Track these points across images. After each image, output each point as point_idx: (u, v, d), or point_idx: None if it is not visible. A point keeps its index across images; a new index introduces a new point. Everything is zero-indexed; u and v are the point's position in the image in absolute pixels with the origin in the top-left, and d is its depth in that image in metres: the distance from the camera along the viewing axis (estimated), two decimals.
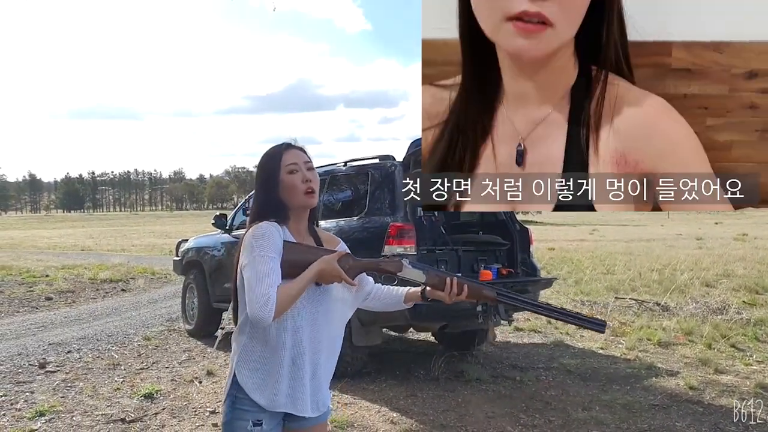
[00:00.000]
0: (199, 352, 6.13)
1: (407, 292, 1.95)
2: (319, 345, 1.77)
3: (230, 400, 1.75)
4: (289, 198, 1.78)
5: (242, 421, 1.72)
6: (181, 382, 4.97)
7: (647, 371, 5.28)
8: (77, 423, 3.98)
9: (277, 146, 1.85)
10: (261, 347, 1.73)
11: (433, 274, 1.86)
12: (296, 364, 1.73)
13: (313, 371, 1.76)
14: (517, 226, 5.67)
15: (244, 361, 1.74)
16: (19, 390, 4.74)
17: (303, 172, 1.78)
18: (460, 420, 4.08)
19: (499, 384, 4.93)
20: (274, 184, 1.78)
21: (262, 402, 1.72)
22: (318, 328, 1.77)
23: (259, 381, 1.72)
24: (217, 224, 6.72)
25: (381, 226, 4.77)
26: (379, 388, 4.79)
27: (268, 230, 1.70)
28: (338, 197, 5.64)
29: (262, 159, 1.85)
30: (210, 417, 4.09)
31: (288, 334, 1.72)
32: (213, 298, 6.70)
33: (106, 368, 5.43)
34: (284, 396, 1.72)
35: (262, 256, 1.64)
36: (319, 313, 1.77)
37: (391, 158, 5.19)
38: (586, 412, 4.21)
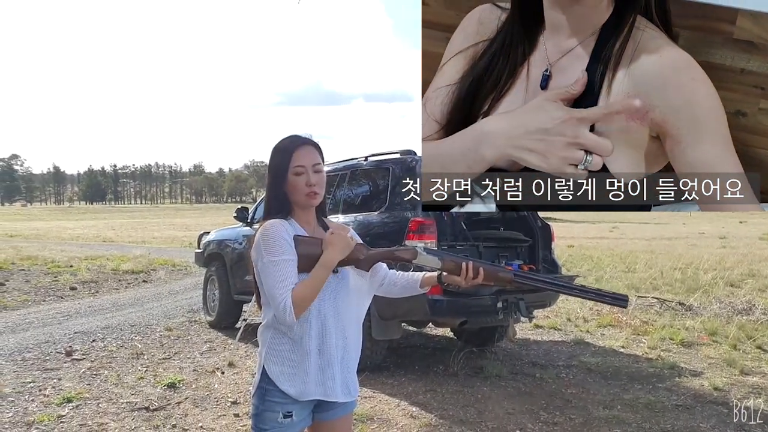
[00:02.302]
0: (220, 343, 6.20)
1: (423, 276, 1.96)
2: (344, 331, 1.81)
3: (260, 392, 1.77)
4: (290, 195, 1.81)
5: (272, 413, 1.75)
6: (203, 372, 5.03)
7: (670, 371, 5.23)
8: (103, 410, 4.05)
9: (289, 141, 1.84)
10: (288, 339, 1.76)
11: (448, 260, 1.87)
12: (323, 351, 1.76)
13: (341, 357, 1.79)
14: (539, 222, 5.64)
15: (272, 353, 1.77)
16: (47, 377, 4.83)
17: (308, 175, 1.79)
18: (480, 416, 4.08)
19: (519, 381, 4.92)
20: (282, 181, 1.80)
21: (292, 392, 1.74)
22: (341, 315, 1.80)
23: (289, 372, 1.75)
24: (238, 217, 6.78)
25: (401, 221, 4.77)
26: (398, 382, 4.81)
27: (275, 230, 1.72)
28: (358, 192, 5.65)
29: (273, 153, 1.85)
30: (232, 407, 4.14)
31: (313, 324, 1.75)
32: (234, 290, 6.76)
33: (130, 357, 5.52)
34: (314, 383, 1.75)
35: (273, 263, 1.68)
36: (339, 300, 1.80)
37: (412, 153, 5.19)
38: (608, 410, 4.18)
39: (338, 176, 5.69)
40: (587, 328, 6.97)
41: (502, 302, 4.69)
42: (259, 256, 1.71)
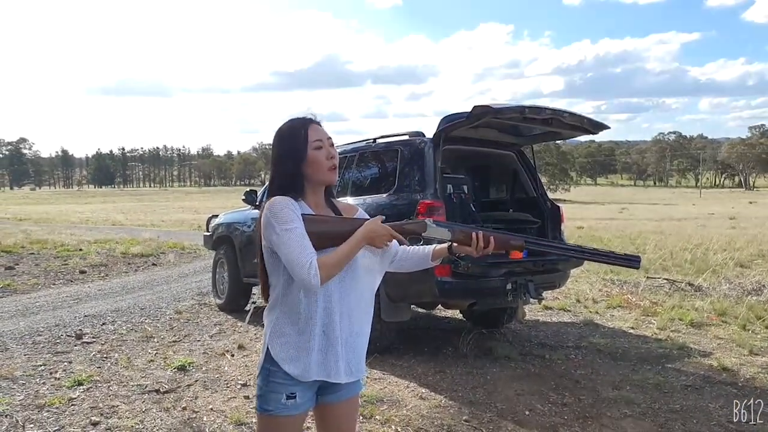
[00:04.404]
0: (229, 326, 6.23)
1: (434, 249, 1.95)
2: (350, 313, 1.80)
3: (264, 373, 1.77)
4: (312, 173, 1.79)
5: (276, 393, 1.75)
6: (213, 355, 5.06)
7: (679, 351, 5.21)
8: (114, 393, 4.08)
9: (299, 120, 1.83)
10: (292, 320, 1.75)
11: (458, 230, 1.85)
12: (327, 333, 1.75)
13: (345, 338, 1.78)
14: (548, 204, 5.60)
15: (276, 334, 1.77)
16: (57, 360, 4.87)
17: (327, 149, 1.80)
18: (489, 397, 4.08)
19: (528, 362, 4.91)
20: (300, 159, 1.78)
21: (295, 373, 1.74)
22: (347, 296, 1.79)
23: (292, 352, 1.74)
24: (247, 200, 6.76)
25: (410, 203, 4.74)
26: (408, 364, 4.82)
27: (283, 203, 1.71)
28: (367, 174, 5.62)
29: (283, 132, 1.82)
30: (242, 389, 4.16)
31: (318, 306, 1.74)
32: (243, 273, 6.78)
33: (140, 340, 5.55)
34: (316, 364, 1.74)
35: (287, 230, 1.66)
36: (346, 281, 1.78)
37: (420, 135, 5.14)
38: (617, 391, 4.18)
39: (347, 158, 5.65)
40: (596, 309, 6.95)
41: (511, 284, 4.67)
42: (271, 229, 1.68)
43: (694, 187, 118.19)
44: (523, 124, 4.95)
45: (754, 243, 12.90)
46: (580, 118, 4.79)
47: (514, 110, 4.46)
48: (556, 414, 3.79)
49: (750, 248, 12.13)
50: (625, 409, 3.85)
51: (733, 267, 9.80)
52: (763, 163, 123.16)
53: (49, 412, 3.70)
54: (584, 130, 5.01)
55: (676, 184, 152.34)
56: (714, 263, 9.81)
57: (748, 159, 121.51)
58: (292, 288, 1.74)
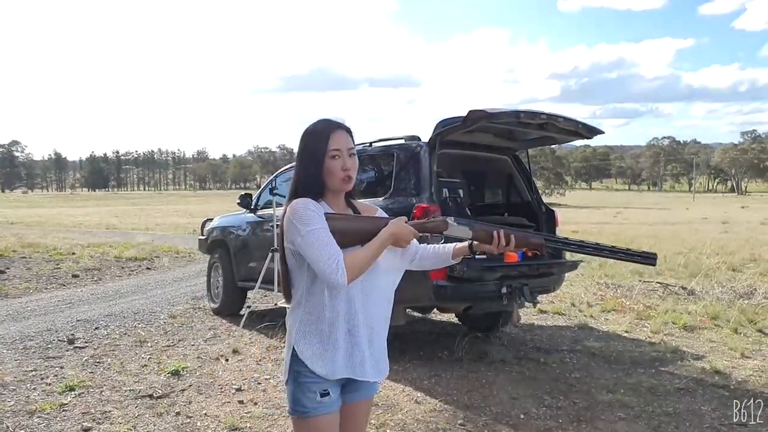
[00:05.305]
0: (224, 330, 6.20)
1: (455, 247, 1.96)
2: (372, 311, 1.82)
3: (293, 375, 1.79)
4: (326, 180, 1.81)
5: (310, 393, 1.76)
6: (207, 359, 5.03)
7: (672, 355, 5.23)
8: (106, 398, 4.05)
9: (324, 125, 1.84)
10: (316, 320, 1.77)
11: (479, 228, 1.88)
12: (351, 331, 1.77)
13: (369, 336, 1.81)
14: (543, 208, 5.62)
15: (302, 335, 1.78)
16: (48, 365, 4.83)
17: (344, 159, 1.80)
18: (484, 401, 4.08)
19: (523, 366, 4.91)
20: (318, 164, 1.79)
21: (322, 372, 1.75)
22: (369, 295, 1.81)
23: (318, 351, 1.76)
24: (242, 204, 6.75)
25: (406, 206, 4.74)
26: (403, 368, 4.81)
27: (304, 205, 1.72)
28: (363, 177, 5.61)
29: (307, 135, 1.84)
30: (236, 394, 4.14)
31: (342, 304, 1.76)
32: (238, 277, 6.75)
33: (133, 345, 5.52)
34: (343, 362, 1.77)
35: (310, 231, 1.68)
36: (367, 281, 1.79)
37: (416, 138, 5.15)
38: (611, 394, 4.18)
39: None
40: (591, 313, 6.97)
41: (506, 287, 4.67)
42: (295, 231, 1.70)
43: (688, 192, 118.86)
44: (518, 128, 4.96)
45: (746, 247, 12.97)
46: (575, 122, 4.81)
47: (510, 115, 4.48)
48: (550, 417, 3.79)
49: (742, 252, 12.20)
50: (619, 412, 3.85)
51: (725, 271, 9.84)
52: (755, 169, 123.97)
53: (40, 418, 3.67)
54: (579, 134, 5.04)
55: (670, 188, 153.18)
56: (707, 267, 9.84)
57: (740, 164, 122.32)
58: (315, 288, 1.76)
